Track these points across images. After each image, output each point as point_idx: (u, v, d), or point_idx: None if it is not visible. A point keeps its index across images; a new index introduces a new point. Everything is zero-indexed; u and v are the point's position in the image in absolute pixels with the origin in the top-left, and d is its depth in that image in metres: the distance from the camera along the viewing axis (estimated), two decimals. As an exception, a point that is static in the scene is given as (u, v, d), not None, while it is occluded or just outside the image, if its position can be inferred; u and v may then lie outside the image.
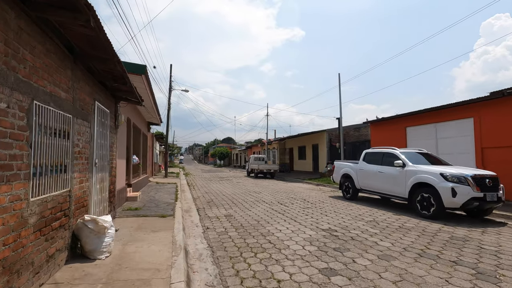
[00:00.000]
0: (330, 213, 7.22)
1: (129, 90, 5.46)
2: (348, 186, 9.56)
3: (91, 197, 4.48)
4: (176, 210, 7.34)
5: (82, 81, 4.07)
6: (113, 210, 6.12)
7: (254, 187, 14.04)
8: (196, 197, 10.77)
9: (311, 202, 9.04)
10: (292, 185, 15.45)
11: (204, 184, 16.05)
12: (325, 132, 19.38)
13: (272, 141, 29.54)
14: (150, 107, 10.58)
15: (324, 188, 13.90)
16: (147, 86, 7.67)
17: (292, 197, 10.25)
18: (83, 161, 4.13)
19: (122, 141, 8.15)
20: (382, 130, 13.44)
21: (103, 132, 5.22)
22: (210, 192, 12.31)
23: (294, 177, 19.47)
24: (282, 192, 12.06)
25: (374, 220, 6.42)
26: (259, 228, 5.72)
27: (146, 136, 15.14)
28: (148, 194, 10.37)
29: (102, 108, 5.07)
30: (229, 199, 9.88)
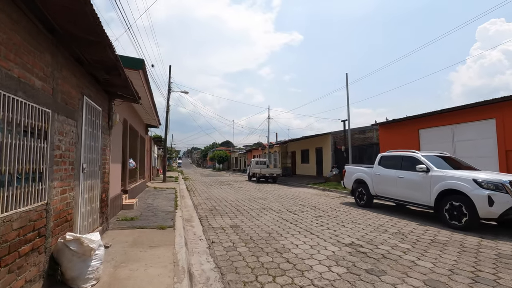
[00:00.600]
0: (347, 223, 6.52)
1: (124, 84, 4.77)
2: (361, 192, 8.87)
3: (77, 210, 3.77)
4: (177, 220, 6.62)
5: (67, 70, 3.38)
6: (106, 221, 5.40)
7: (258, 193, 13.32)
8: (197, 204, 10.04)
9: (322, 210, 8.34)
10: (297, 190, 14.75)
11: (205, 189, 15.31)
12: (329, 135, 18.73)
13: (274, 145, 28.86)
14: (148, 107, 9.88)
15: (331, 193, 13.20)
16: (145, 83, 6.99)
17: (300, 204, 9.55)
18: (67, 166, 3.42)
19: (117, 144, 7.44)
20: (392, 133, 12.80)
21: (94, 133, 4.52)
22: (211, 198, 11.58)
23: (297, 182, 18.77)
24: (288, 198, 11.35)
25: (399, 232, 5.72)
26: (272, 243, 5.00)
27: (144, 139, 14.42)
28: (146, 201, 9.63)
29: (92, 105, 4.38)
30: (233, 207, 9.17)
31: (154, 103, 9.86)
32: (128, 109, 8.95)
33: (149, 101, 8.77)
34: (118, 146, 7.47)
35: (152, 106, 9.70)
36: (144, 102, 8.83)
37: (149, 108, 10.05)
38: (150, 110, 10.48)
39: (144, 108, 9.82)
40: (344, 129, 17.72)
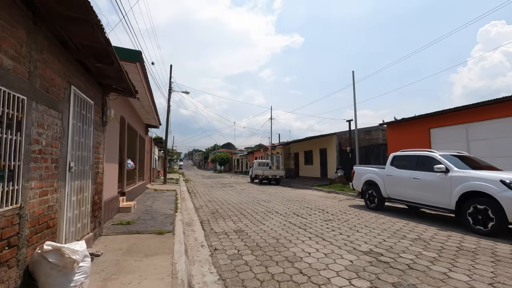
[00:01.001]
0: (360, 228, 6.04)
1: (118, 76, 4.33)
2: (372, 194, 8.38)
3: (61, 214, 3.31)
4: (176, 224, 6.15)
5: (49, 53, 2.94)
6: (98, 226, 4.94)
7: (261, 195, 12.83)
8: (199, 206, 9.56)
9: (331, 213, 7.85)
10: (301, 192, 14.25)
11: (206, 192, 14.84)
12: (334, 136, 18.24)
13: (276, 146, 28.38)
14: (148, 106, 9.45)
15: (338, 195, 12.70)
16: (143, 78, 6.55)
17: (307, 207, 9.06)
18: (49, 164, 2.97)
19: (114, 143, 7.00)
20: (401, 132, 12.31)
21: (84, 129, 4.07)
22: (213, 200, 11.10)
23: (301, 184, 18.28)
24: (294, 200, 10.86)
25: (419, 237, 5.23)
26: (282, 250, 4.53)
27: (143, 139, 13.99)
28: (144, 204, 9.17)
29: (82, 96, 3.93)
30: (236, 209, 8.69)
31: (154, 102, 9.43)
32: (126, 106, 8.52)
33: (148, 98, 8.33)
34: (114, 145, 7.02)
35: (152, 104, 9.27)
36: (143, 99, 8.40)
37: (149, 106, 9.62)
38: (149, 109, 10.04)
39: (143, 107, 9.39)
40: (350, 130, 17.24)
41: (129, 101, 8.88)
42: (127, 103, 8.68)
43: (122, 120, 8.29)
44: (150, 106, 9.45)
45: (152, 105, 9.38)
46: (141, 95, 7.94)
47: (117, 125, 7.24)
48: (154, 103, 9.52)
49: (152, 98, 8.74)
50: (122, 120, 8.29)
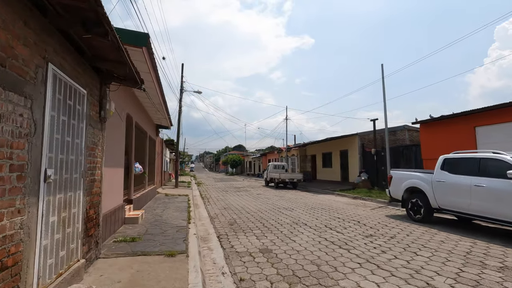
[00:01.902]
0: (417, 249, 4.85)
1: (117, 57, 3.34)
2: (416, 203, 7.14)
3: (31, 244, 2.32)
4: (190, 241, 5.13)
5: (7, 11, 1.96)
6: (95, 247, 3.96)
7: (281, 201, 11.72)
8: (214, 215, 8.55)
9: (370, 226, 6.67)
10: (324, 198, 13.05)
11: (220, 197, 13.84)
12: (356, 136, 16.95)
13: (292, 148, 27.18)
14: (158, 103, 8.53)
15: (366, 202, 11.45)
16: (151, 67, 5.59)
17: (337, 217, 7.90)
18: (6, 173, 1.98)
19: (118, 144, 6.07)
20: (438, 132, 10.98)
21: (72, 124, 3.10)
22: (229, 207, 10.07)
23: (320, 188, 17.05)
24: (319, 208, 9.70)
25: (505, 265, 4.02)
26: (329, 284, 3.42)
27: (153, 141, 13.14)
28: (154, 212, 8.22)
29: (68, 82, 2.97)
30: (257, 220, 7.62)
31: (164, 98, 8.50)
32: (133, 103, 7.61)
33: (158, 94, 7.39)
34: (118, 146, 6.09)
35: (162, 101, 8.33)
36: (153, 96, 7.48)
37: (159, 104, 8.70)
38: (159, 107, 9.13)
39: (152, 103, 8.47)
40: (374, 129, 15.92)
41: (136, 97, 7.98)
42: (134, 100, 7.78)
43: (129, 119, 7.38)
44: (160, 103, 8.52)
45: (163, 102, 8.44)
46: (150, 90, 7.02)
47: (122, 124, 6.31)
48: (164, 100, 8.59)
49: (162, 93, 7.81)
50: (129, 119, 7.38)
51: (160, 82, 7.19)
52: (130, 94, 7.16)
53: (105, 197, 5.00)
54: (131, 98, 7.35)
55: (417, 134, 17.86)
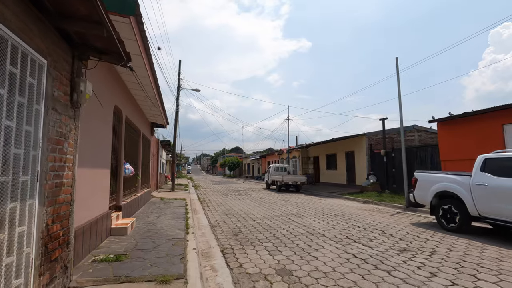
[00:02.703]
0: (475, 271, 3.90)
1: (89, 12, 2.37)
2: (450, 210, 6.21)
3: None
4: (189, 259, 4.15)
5: None
6: (62, 275, 2.96)
7: (287, 206, 10.74)
8: (215, 223, 7.54)
9: (399, 238, 5.72)
10: (332, 202, 12.09)
11: (220, 201, 12.82)
12: (364, 137, 16.03)
13: (293, 149, 26.21)
14: (153, 96, 7.52)
15: (380, 207, 10.51)
16: (142, 46, 4.61)
17: (356, 225, 6.94)
18: None
19: (103, 140, 5.07)
20: (459, 131, 10.10)
21: (18, 103, 2.12)
22: (231, 213, 9.07)
23: (325, 191, 16.10)
24: (331, 214, 8.73)
25: None
26: (386, 331, 2.44)
27: (148, 140, 12.11)
28: (147, 220, 7.20)
29: (10, 38, 1.98)
30: (265, 229, 6.64)
31: (159, 90, 7.51)
32: (123, 94, 6.61)
33: (151, 83, 6.40)
34: (103, 143, 5.09)
35: (156, 93, 7.34)
36: (144, 83, 6.48)
37: (153, 97, 7.70)
38: (154, 101, 8.12)
39: (146, 96, 7.46)
40: (384, 129, 15.03)
41: (127, 88, 6.99)
42: (124, 92, 6.78)
43: (118, 112, 6.38)
44: (155, 96, 7.51)
45: (157, 94, 7.45)
46: (143, 78, 6.03)
47: (107, 117, 5.31)
48: (159, 92, 7.59)
49: (157, 83, 6.82)
50: (118, 112, 6.38)
51: (154, 70, 6.21)
52: (119, 83, 6.17)
53: (82, 205, 4.00)
54: (121, 88, 6.36)
55: (427, 135, 17.02)
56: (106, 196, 5.44)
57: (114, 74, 5.66)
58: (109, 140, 5.48)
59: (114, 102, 5.79)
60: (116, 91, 5.92)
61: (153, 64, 5.95)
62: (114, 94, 5.79)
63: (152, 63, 5.90)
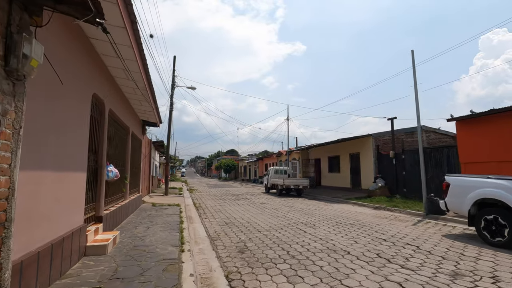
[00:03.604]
0: None
1: None
2: (496, 222, 5.23)
3: None
4: (185, 295, 3.06)
5: None
6: None
7: (293, 213, 9.69)
8: (214, 235, 6.46)
9: (440, 256, 4.72)
10: (341, 208, 11.08)
11: (218, 207, 11.71)
12: (370, 138, 15.10)
13: (293, 151, 25.20)
14: (143, 87, 6.43)
15: (395, 214, 9.54)
16: (123, 8, 3.55)
17: (381, 238, 5.93)
18: None
19: (75, 135, 3.97)
20: (482, 129, 9.21)
21: None
22: (232, 222, 7.99)
23: (329, 195, 15.10)
24: (346, 224, 7.71)
25: None
26: None
27: (139, 140, 10.97)
28: (134, 232, 6.08)
29: None
30: (275, 243, 5.58)
31: (150, 79, 6.43)
32: (106, 82, 5.50)
33: (140, 69, 5.33)
34: (77, 139, 3.99)
35: (146, 82, 6.26)
36: (132, 68, 5.40)
37: (144, 89, 6.61)
38: (145, 93, 7.02)
39: (135, 85, 6.37)
40: (392, 130, 14.14)
41: (111, 76, 5.89)
42: (107, 79, 5.68)
43: (99, 103, 5.28)
44: (145, 88, 6.42)
45: (147, 83, 6.36)
46: (130, 63, 4.96)
47: (82, 106, 4.21)
48: (150, 82, 6.51)
49: (146, 69, 5.73)
50: (99, 103, 5.28)
51: (143, 54, 5.15)
52: (100, 67, 5.08)
53: (40, 221, 2.91)
54: (103, 75, 5.26)
55: (435, 136, 16.19)
56: (80, 206, 4.33)
57: (92, 55, 4.57)
58: (85, 136, 4.38)
59: (93, 88, 4.69)
60: (96, 76, 4.83)
61: (141, 45, 4.88)
62: (93, 79, 4.70)
63: (141, 43, 4.84)
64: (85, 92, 4.34)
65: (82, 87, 4.15)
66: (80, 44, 4.01)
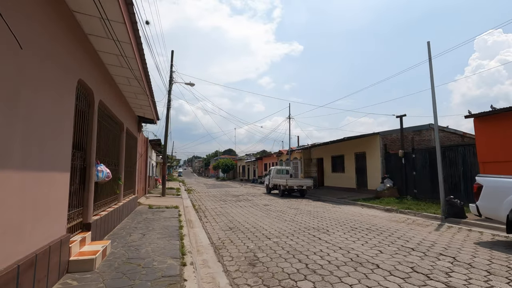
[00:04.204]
0: None
1: None
2: (542, 229, 4.58)
3: None
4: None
5: None
6: None
7: (301, 216, 9.01)
8: (219, 242, 5.75)
9: (485, 270, 4.06)
10: (350, 210, 10.43)
11: (219, 209, 11.00)
12: (378, 136, 14.46)
13: (294, 150, 24.52)
14: (138, 76, 5.71)
15: (409, 216, 8.90)
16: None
17: (407, 247, 5.27)
18: None
19: (53, 127, 3.25)
20: (504, 127, 8.59)
21: None
22: (236, 227, 7.29)
23: (333, 196, 14.45)
24: (362, 228, 7.06)
25: None
26: None
27: (134, 138, 10.23)
28: (128, 240, 5.36)
29: None
30: (289, 253, 4.90)
31: (146, 67, 5.70)
32: (95, 69, 4.77)
33: (134, 53, 4.61)
34: (56, 132, 3.26)
35: (142, 71, 5.54)
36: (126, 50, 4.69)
37: (139, 78, 5.89)
38: (142, 84, 6.29)
39: (132, 74, 5.65)
40: (402, 128, 13.52)
41: (103, 64, 5.17)
42: (97, 67, 4.95)
43: (87, 92, 4.56)
44: (141, 77, 5.69)
45: (143, 72, 5.64)
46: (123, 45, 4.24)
47: (63, 91, 3.48)
48: (146, 71, 5.78)
49: (142, 54, 5.01)
50: (87, 92, 4.56)
51: (138, 34, 4.43)
52: (88, 50, 4.35)
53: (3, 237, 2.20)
54: (92, 60, 4.53)
55: (444, 135, 15.61)
56: (62, 213, 3.60)
57: (78, 35, 3.85)
58: (67, 129, 3.65)
59: (78, 74, 3.96)
60: (82, 60, 4.10)
61: (136, 24, 4.17)
62: (79, 63, 3.98)
63: (136, 21, 4.13)
64: (67, 77, 3.62)
65: (62, 70, 3.42)
66: (59, 19, 3.29)
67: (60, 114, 3.40)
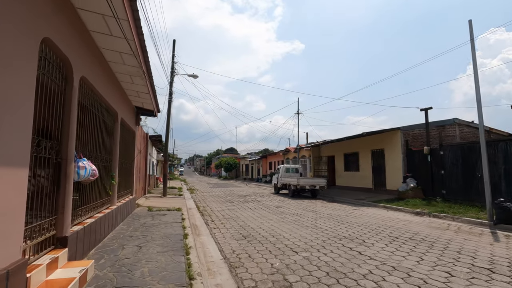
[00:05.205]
0: None
1: None
2: None
3: None
4: None
5: None
6: None
7: (324, 221, 7.82)
8: (234, 258, 4.57)
9: None
10: (375, 214, 9.23)
11: (226, 211, 9.83)
12: (398, 132, 13.22)
13: (303, 148, 23.28)
14: (135, 50, 4.51)
15: (448, 222, 7.70)
16: None
17: (479, 266, 4.09)
18: None
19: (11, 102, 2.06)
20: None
21: None
22: (251, 235, 6.12)
23: (350, 197, 13.24)
24: (403, 238, 5.87)
25: None
26: None
27: (132, 132, 9.06)
28: (118, 256, 4.18)
29: None
30: (331, 277, 3.72)
31: (144, 45, 4.51)
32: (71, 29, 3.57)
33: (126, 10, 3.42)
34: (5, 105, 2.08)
35: (138, 43, 4.35)
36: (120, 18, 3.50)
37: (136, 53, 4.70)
38: (139, 60, 5.10)
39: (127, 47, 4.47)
40: (427, 122, 12.28)
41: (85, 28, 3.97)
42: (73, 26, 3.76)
43: (59, 61, 3.36)
44: (137, 51, 4.50)
45: (139, 46, 4.45)
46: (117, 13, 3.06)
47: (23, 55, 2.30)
48: (144, 50, 4.59)
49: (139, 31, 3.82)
50: (59, 61, 3.36)
51: None
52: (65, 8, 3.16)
53: None
54: (66, 17, 3.35)
55: (469, 130, 14.40)
56: (14, 228, 2.43)
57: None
58: (26, 107, 2.48)
59: (43, 30, 2.78)
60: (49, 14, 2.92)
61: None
62: (43, 15, 2.79)
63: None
64: (22, 31, 2.43)
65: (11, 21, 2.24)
66: None
67: (8, 83, 2.22)
